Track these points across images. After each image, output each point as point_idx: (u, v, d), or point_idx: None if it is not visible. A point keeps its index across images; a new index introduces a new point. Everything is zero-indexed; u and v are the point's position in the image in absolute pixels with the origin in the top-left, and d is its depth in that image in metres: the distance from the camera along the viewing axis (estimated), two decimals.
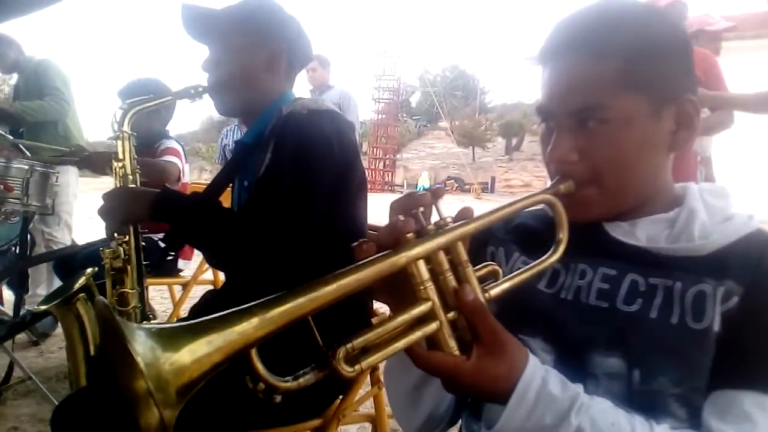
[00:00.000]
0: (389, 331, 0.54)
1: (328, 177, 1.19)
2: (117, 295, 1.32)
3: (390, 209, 0.61)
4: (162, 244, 2.27)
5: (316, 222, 1.16)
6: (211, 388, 0.71)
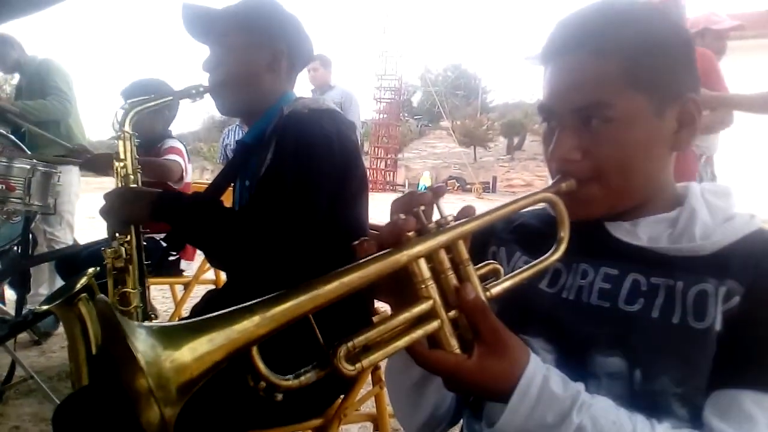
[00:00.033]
0: (390, 329, 0.54)
1: (329, 176, 1.19)
2: (119, 295, 1.32)
3: (391, 208, 0.61)
4: (164, 243, 2.28)
5: (317, 221, 1.16)
6: (212, 387, 0.71)
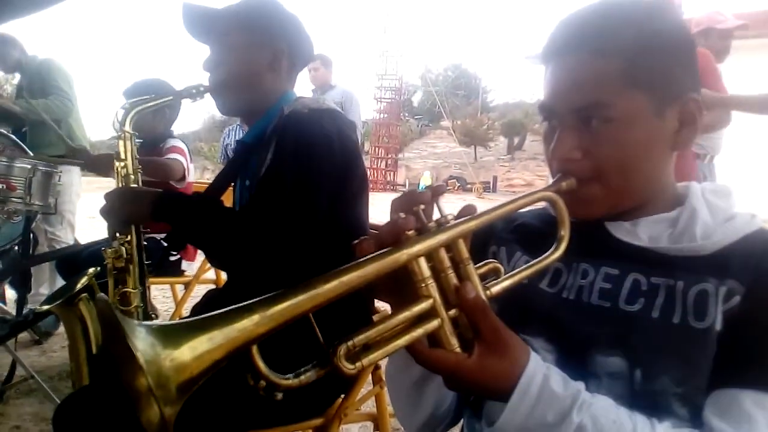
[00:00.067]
0: (390, 328, 0.54)
1: (329, 176, 1.19)
2: (119, 295, 1.32)
3: (391, 207, 0.61)
4: (165, 243, 2.28)
5: (317, 221, 1.16)
6: (212, 387, 0.71)
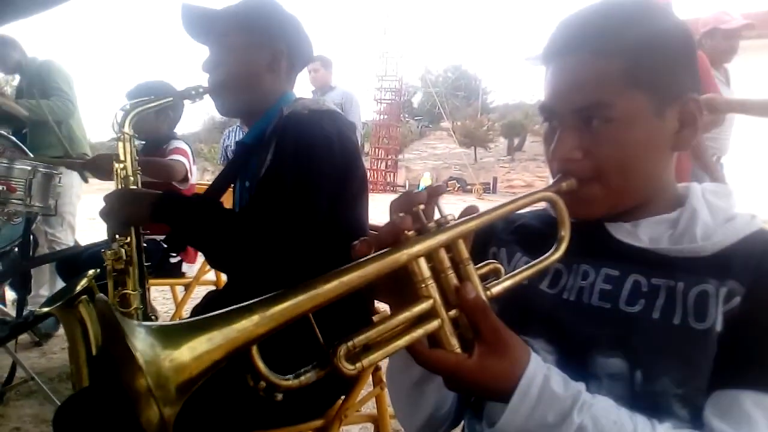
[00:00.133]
0: (390, 328, 0.54)
1: (329, 177, 1.19)
2: (119, 297, 1.32)
3: (390, 208, 0.61)
4: (165, 245, 2.27)
5: (317, 222, 1.16)
6: (212, 388, 0.71)
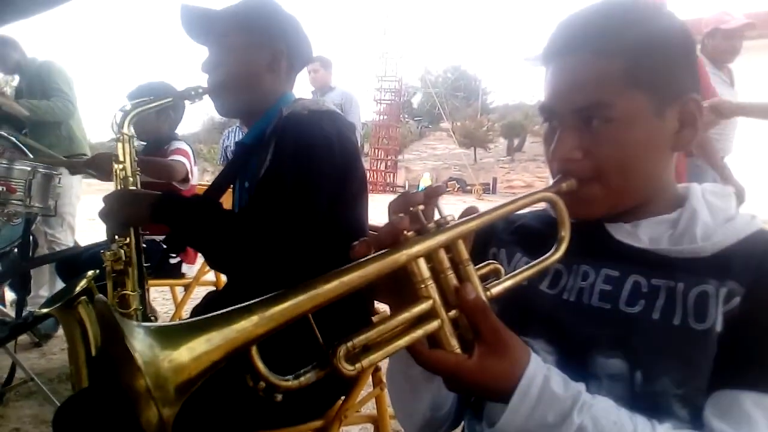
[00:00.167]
0: (390, 329, 0.54)
1: (328, 177, 1.18)
2: (118, 298, 1.32)
3: (388, 209, 0.61)
4: (164, 245, 2.27)
5: (317, 223, 1.16)
6: (212, 388, 0.71)
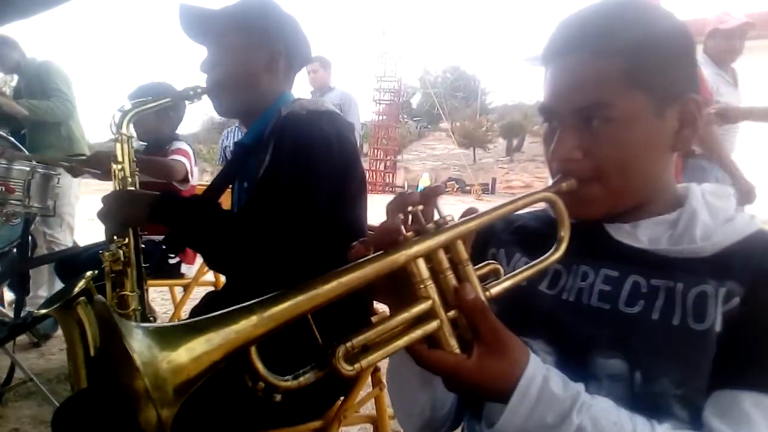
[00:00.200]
0: (389, 329, 0.54)
1: (327, 178, 1.18)
2: (117, 298, 1.32)
3: (386, 211, 0.61)
4: (163, 246, 2.27)
5: (316, 223, 1.16)
6: (211, 389, 0.71)
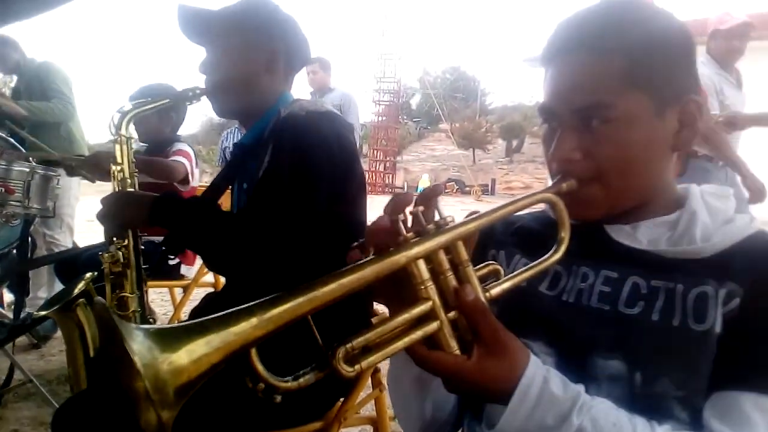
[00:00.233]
0: (389, 330, 0.54)
1: (327, 179, 1.18)
2: (117, 299, 1.32)
3: (384, 213, 0.61)
4: (163, 247, 2.26)
5: (316, 224, 1.16)
6: (211, 390, 0.71)
